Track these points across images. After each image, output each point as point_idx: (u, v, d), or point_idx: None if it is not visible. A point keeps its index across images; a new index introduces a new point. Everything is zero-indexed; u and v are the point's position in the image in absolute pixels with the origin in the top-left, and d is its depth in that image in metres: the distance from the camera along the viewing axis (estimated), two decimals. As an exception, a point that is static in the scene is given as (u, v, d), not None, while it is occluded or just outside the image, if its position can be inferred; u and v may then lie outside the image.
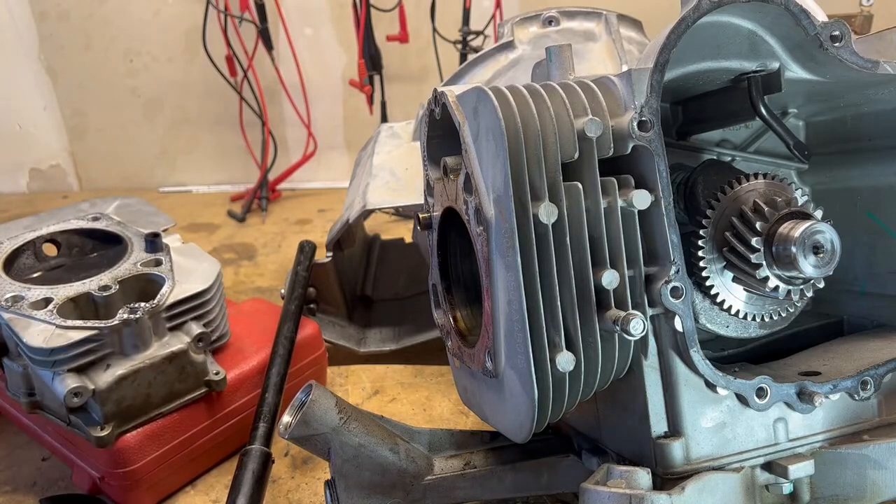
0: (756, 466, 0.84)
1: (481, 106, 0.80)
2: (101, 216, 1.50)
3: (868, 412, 0.89)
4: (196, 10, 3.51)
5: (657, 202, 0.78)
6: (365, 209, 1.62)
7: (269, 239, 3.00)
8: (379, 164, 1.74)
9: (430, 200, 1.03)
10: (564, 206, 0.77)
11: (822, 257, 0.81)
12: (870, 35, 0.85)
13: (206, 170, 4.05)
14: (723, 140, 1.04)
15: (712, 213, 0.89)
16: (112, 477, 1.22)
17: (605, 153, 0.79)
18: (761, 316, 0.92)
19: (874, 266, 1.00)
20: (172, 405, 1.26)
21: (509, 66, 1.67)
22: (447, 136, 0.95)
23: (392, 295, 2.08)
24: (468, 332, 1.00)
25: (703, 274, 0.89)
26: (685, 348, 0.79)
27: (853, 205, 1.01)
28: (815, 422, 0.86)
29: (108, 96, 3.92)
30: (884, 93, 0.93)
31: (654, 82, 0.77)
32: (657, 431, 0.82)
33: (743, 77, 0.92)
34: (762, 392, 0.82)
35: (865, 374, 0.85)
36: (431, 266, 1.06)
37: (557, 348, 0.78)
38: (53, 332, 1.14)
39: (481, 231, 0.82)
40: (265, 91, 3.57)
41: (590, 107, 0.80)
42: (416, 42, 3.43)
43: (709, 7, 0.77)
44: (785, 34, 0.85)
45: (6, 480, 1.37)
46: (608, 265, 0.79)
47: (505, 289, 0.78)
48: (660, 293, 0.78)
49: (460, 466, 1.02)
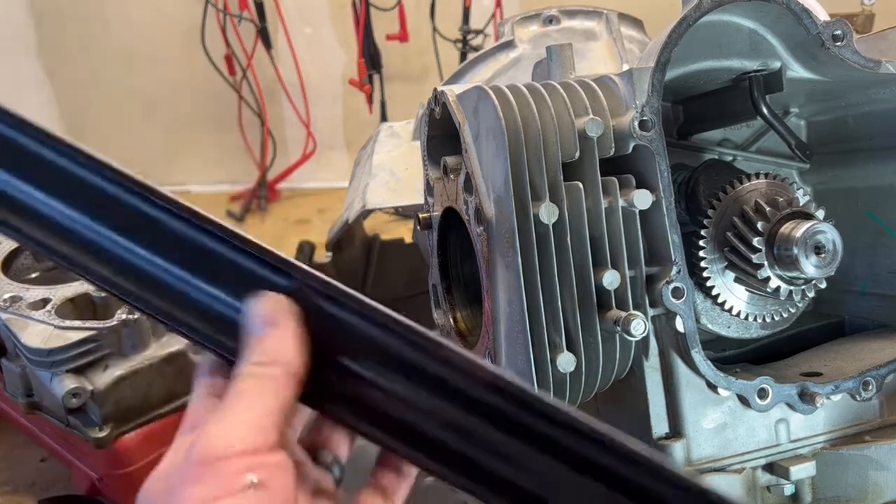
0: (757, 467, 0.84)
1: (482, 105, 0.80)
2: (100, 216, 1.49)
3: (870, 413, 0.89)
4: (195, 9, 3.50)
5: (658, 202, 0.78)
6: (365, 209, 1.62)
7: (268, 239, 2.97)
8: (379, 164, 1.74)
9: (430, 200, 1.02)
10: (565, 206, 0.77)
11: (823, 257, 0.80)
12: (871, 34, 0.85)
13: (204, 169, 4.04)
14: (724, 139, 1.04)
15: (713, 212, 0.89)
16: (110, 478, 1.22)
17: (606, 153, 0.79)
18: (763, 316, 0.91)
19: (875, 266, 1.00)
20: (171, 406, 1.26)
21: (510, 65, 1.67)
22: (447, 135, 0.95)
23: (392, 295, 2.08)
24: (468, 333, 0.99)
25: (705, 274, 0.88)
26: (686, 349, 0.79)
27: (855, 205, 1.01)
28: (816, 423, 0.86)
29: (106, 96, 3.91)
30: (885, 92, 0.92)
31: (656, 81, 0.77)
32: (658, 432, 0.82)
33: (744, 76, 0.91)
34: (764, 393, 0.82)
35: (867, 374, 0.85)
36: (431, 266, 1.05)
37: (558, 349, 0.77)
38: (52, 332, 1.14)
39: (481, 231, 0.81)
40: (264, 90, 3.57)
41: (591, 106, 0.80)
42: (415, 41, 3.43)
43: (710, 6, 0.76)
44: (786, 33, 0.85)
45: (5, 481, 1.37)
46: (609, 265, 0.78)
47: (505, 289, 0.78)
48: (661, 293, 0.78)
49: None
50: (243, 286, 0.51)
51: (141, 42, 3.81)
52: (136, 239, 0.51)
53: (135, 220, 0.51)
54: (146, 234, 0.51)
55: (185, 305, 0.52)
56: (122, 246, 0.51)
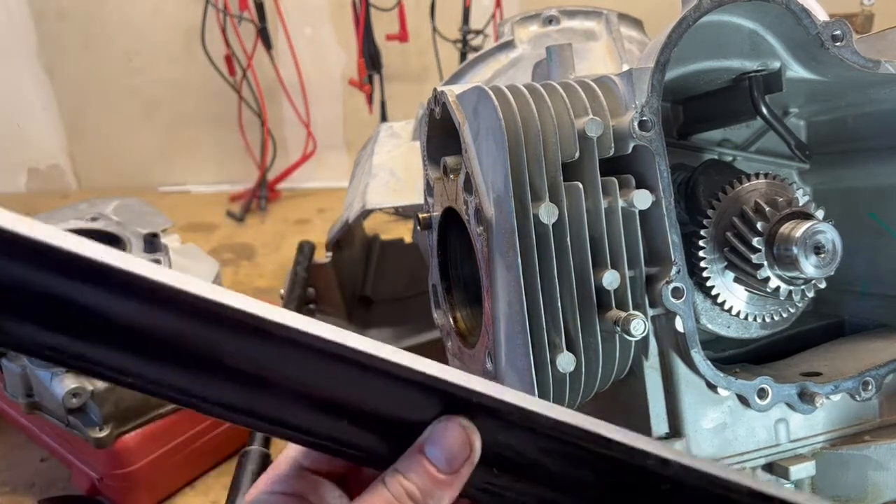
0: (757, 467, 0.84)
1: (481, 105, 0.80)
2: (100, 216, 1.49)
3: (869, 413, 0.89)
4: (195, 9, 3.50)
5: (658, 202, 0.78)
6: (364, 209, 1.62)
7: (268, 239, 3.00)
8: (378, 164, 1.74)
9: (430, 200, 1.02)
10: (565, 206, 0.77)
11: (823, 258, 0.80)
12: (871, 34, 0.85)
13: (204, 169, 4.04)
14: (724, 140, 1.04)
15: (713, 213, 0.89)
16: (111, 478, 1.22)
17: (605, 153, 0.79)
18: (762, 316, 0.91)
19: (875, 266, 1.00)
20: (171, 406, 1.26)
21: (509, 65, 1.67)
22: (447, 135, 0.95)
23: (392, 295, 2.08)
24: (468, 333, 0.99)
25: (704, 274, 0.88)
26: (686, 349, 0.79)
27: (854, 205, 1.01)
28: (816, 422, 0.86)
29: (106, 96, 3.91)
30: (885, 93, 0.92)
31: (655, 82, 0.77)
32: (658, 432, 0.82)
33: (744, 76, 0.91)
34: (763, 393, 0.82)
35: (867, 374, 0.85)
36: (431, 266, 1.05)
37: (558, 349, 0.77)
38: (52, 332, 1.13)
39: (481, 231, 0.81)
40: (264, 90, 3.57)
41: (590, 106, 0.80)
42: (415, 41, 3.43)
43: (710, 6, 0.76)
44: (786, 33, 0.85)
45: (5, 481, 1.37)
46: (609, 265, 0.78)
47: (505, 289, 0.78)
48: (661, 294, 0.78)
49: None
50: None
51: (141, 42, 3.81)
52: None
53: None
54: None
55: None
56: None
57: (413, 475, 0.47)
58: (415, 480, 0.47)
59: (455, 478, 0.47)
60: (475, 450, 0.47)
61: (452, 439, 0.46)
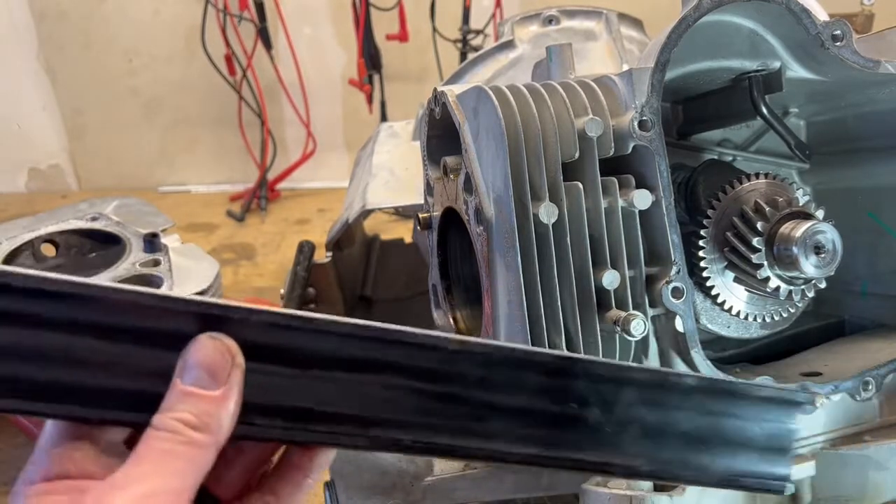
0: (757, 467, 0.83)
1: (481, 105, 0.80)
2: (100, 216, 1.49)
3: (869, 413, 0.89)
4: (195, 9, 3.50)
5: (658, 202, 0.77)
6: (364, 209, 1.62)
7: (268, 239, 3.00)
8: (378, 164, 1.74)
9: (430, 200, 1.02)
10: (565, 206, 0.77)
11: (823, 257, 0.80)
12: (871, 34, 0.85)
13: (205, 169, 4.04)
14: (724, 140, 1.04)
15: (713, 212, 0.89)
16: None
17: (605, 153, 0.79)
18: (762, 316, 0.91)
19: (875, 266, 1.00)
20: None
21: (509, 65, 1.67)
22: (447, 135, 0.95)
23: (392, 295, 2.08)
24: (468, 333, 0.99)
25: (704, 274, 0.88)
26: (686, 349, 0.79)
27: (854, 205, 1.01)
28: (816, 423, 0.86)
29: (107, 96, 3.91)
30: (885, 93, 0.92)
31: (655, 82, 0.77)
32: (658, 432, 0.82)
33: (744, 76, 0.91)
34: (763, 393, 0.81)
35: (867, 374, 0.85)
36: (431, 266, 1.05)
37: (558, 349, 0.77)
38: (52, 332, 1.13)
39: (481, 231, 0.81)
40: (264, 90, 3.57)
41: (590, 106, 0.80)
42: (415, 41, 3.43)
43: (710, 6, 0.76)
44: (786, 33, 0.85)
45: (5, 481, 1.37)
46: (609, 265, 0.78)
47: (505, 289, 0.78)
48: (661, 293, 0.78)
49: (460, 467, 1.01)
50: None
51: (141, 42, 3.82)
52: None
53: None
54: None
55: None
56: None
57: (181, 406, 0.44)
58: (184, 409, 0.44)
59: (227, 389, 0.44)
60: (235, 353, 0.45)
61: (205, 353, 0.44)
